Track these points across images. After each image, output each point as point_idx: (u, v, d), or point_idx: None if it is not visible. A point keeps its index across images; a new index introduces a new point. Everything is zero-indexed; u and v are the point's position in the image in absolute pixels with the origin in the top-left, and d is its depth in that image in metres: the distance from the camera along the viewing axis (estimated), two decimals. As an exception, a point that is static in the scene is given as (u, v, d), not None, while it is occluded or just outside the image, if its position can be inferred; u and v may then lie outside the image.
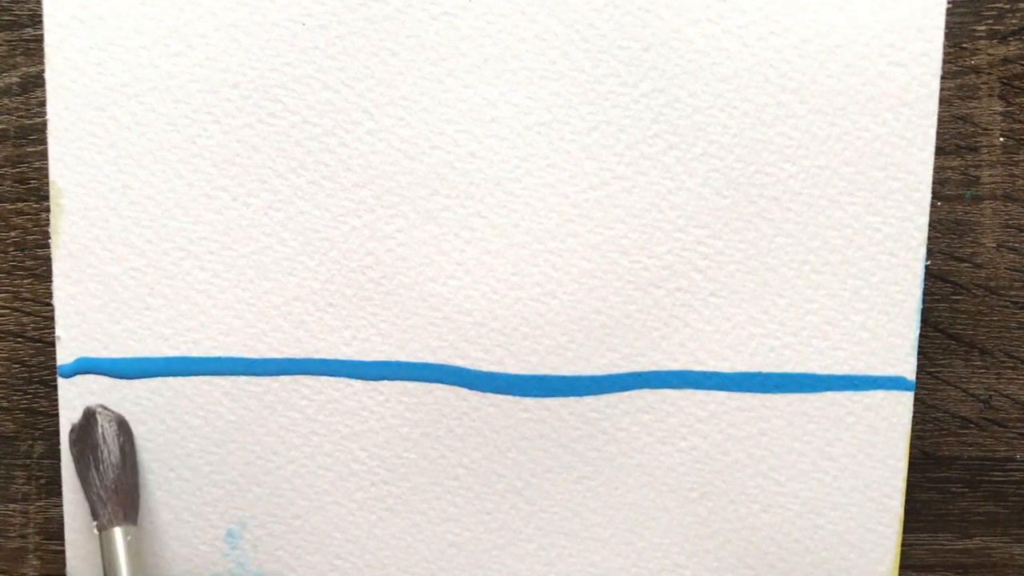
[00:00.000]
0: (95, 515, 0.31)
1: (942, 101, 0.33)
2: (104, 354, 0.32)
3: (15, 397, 0.34)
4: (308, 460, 0.32)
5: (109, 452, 0.31)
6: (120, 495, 0.31)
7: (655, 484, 0.33)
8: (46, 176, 0.32)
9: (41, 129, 0.33)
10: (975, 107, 0.33)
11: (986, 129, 0.33)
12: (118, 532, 0.30)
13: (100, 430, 0.31)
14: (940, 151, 0.33)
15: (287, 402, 0.32)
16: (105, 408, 0.32)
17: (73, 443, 0.32)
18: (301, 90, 0.31)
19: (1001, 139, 0.33)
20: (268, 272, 0.32)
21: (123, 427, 0.32)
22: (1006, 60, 0.33)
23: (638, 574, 0.33)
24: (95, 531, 0.31)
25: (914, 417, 0.33)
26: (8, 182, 0.33)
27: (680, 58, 0.31)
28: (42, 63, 0.32)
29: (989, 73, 0.33)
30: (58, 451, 0.33)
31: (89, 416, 0.31)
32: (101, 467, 0.31)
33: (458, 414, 0.32)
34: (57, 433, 0.33)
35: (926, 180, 0.32)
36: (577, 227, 0.32)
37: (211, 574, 0.33)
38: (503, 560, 0.33)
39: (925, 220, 0.32)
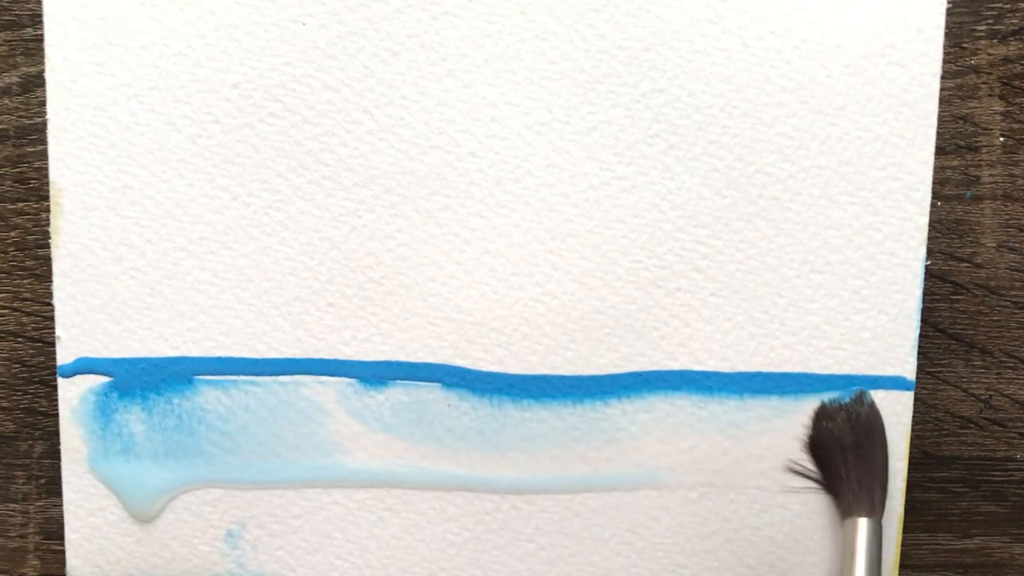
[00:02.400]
0: (853, 500, 0.31)
1: (942, 101, 0.33)
2: (104, 354, 0.32)
3: (15, 397, 0.34)
4: (308, 460, 0.32)
5: (883, 443, 0.32)
6: (884, 487, 0.31)
7: (655, 484, 0.33)
8: (46, 176, 0.32)
9: (41, 129, 0.33)
10: (975, 107, 0.33)
11: (986, 129, 0.33)
12: (865, 523, 0.31)
13: (878, 418, 0.32)
14: (940, 151, 0.33)
15: (287, 402, 0.32)
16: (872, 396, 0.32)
17: (836, 419, 0.32)
18: (301, 90, 0.31)
19: (1001, 139, 0.33)
20: (268, 272, 0.32)
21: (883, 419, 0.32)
22: (1006, 60, 0.33)
23: (638, 574, 0.33)
24: (842, 517, 0.31)
25: (914, 417, 0.33)
26: (8, 182, 0.33)
27: (680, 58, 0.31)
28: (42, 63, 0.32)
29: (989, 73, 0.33)
30: (58, 451, 0.33)
31: (866, 399, 0.32)
32: (877, 455, 0.31)
33: (458, 414, 0.32)
34: (57, 433, 0.33)
35: (926, 180, 0.32)
36: (577, 227, 0.32)
37: (211, 574, 0.33)
38: (503, 560, 0.33)
39: (925, 220, 0.32)
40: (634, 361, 0.32)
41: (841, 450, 0.32)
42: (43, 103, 0.32)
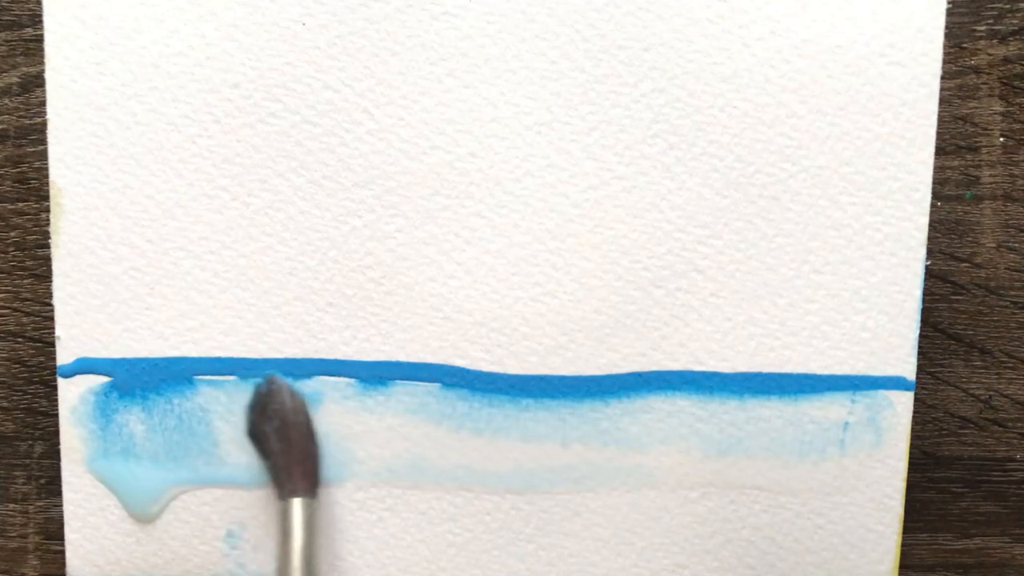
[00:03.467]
0: (278, 483, 0.31)
1: (942, 101, 0.33)
2: (104, 354, 0.32)
3: (15, 397, 0.34)
4: (308, 460, 0.33)
5: (299, 421, 0.31)
6: (307, 465, 0.31)
7: (655, 484, 0.33)
8: (46, 176, 0.32)
9: (41, 129, 0.33)
10: (975, 107, 0.33)
11: (986, 129, 0.33)
12: (298, 503, 0.31)
13: (288, 399, 0.32)
14: (940, 151, 0.33)
15: (287, 402, 0.32)
16: (283, 379, 0.32)
17: (256, 408, 0.32)
18: (301, 90, 0.31)
19: (1001, 139, 0.33)
20: (268, 272, 0.32)
21: (303, 399, 0.32)
22: (1006, 60, 0.33)
23: (638, 574, 0.33)
24: (277, 499, 0.31)
25: (914, 417, 0.33)
26: (8, 182, 0.33)
27: (680, 58, 0.31)
28: (42, 63, 0.32)
29: (989, 73, 0.33)
30: (58, 451, 0.33)
31: (275, 384, 0.32)
32: (291, 434, 0.31)
33: (458, 414, 0.32)
34: (57, 433, 0.33)
35: (926, 180, 0.32)
36: (577, 227, 0.32)
37: (211, 574, 0.33)
38: (503, 560, 0.33)
39: (925, 220, 0.32)
40: (634, 361, 0.32)
41: (259, 437, 0.32)
42: (43, 103, 0.32)
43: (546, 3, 0.31)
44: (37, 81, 0.33)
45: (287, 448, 0.31)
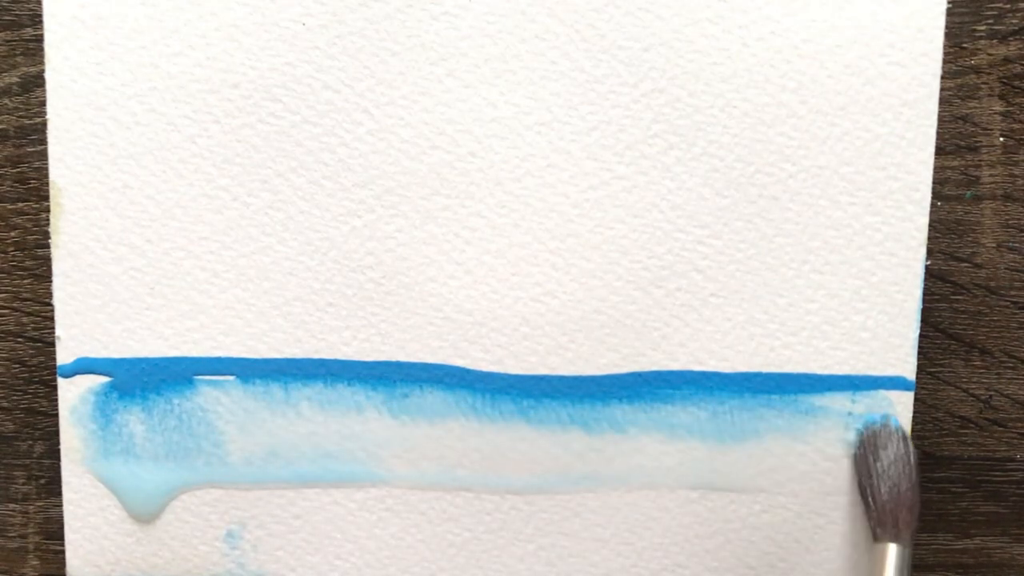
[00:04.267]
0: (879, 524, 0.31)
1: (942, 101, 0.33)
2: (104, 354, 0.32)
3: (15, 397, 0.34)
4: (308, 460, 0.32)
5: (912, 466, 0.31)
6: (913, 514, 0.31)
7: (655, 484, 0.33)
8: (46, 176, 0.32)
9: (41, 129, 0.33)
10: (975, 107, 0.33)
11: (986, 129, 0.33)
12: (894, 549, 0.31)
13: (903, 444, 0.32)
14: (940, 151, 0.33)
15: (286, 403, 0.32)
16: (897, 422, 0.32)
17: (869, 445, 0.32)
18: (301, 90, 0.31)
19: (1001, 139, 0.33)
20: (268, 272, 0.32)
21: (914, 446, 0.32)
22: (1006, 60, 0.33)
23: (638, 574, 0.33)
24: (872, 540, 0.31)
25: (914, 417, 0.33)
26: (8, 182, 0.33)
27: (680, 58, 0.31)
28: (42, 63, 0.32)
29: (989, 73, 0.33)
30: (58, 451, 0.33)
31: (890, 425, 0.32)
32: (902, 479, 0.31)
33: (458, 414, 0.32)
34: (57, 433, 0.33)
35: (926, 180, 0.32)
36: (577, 227, 0.32)
37: (211, 574, 0.33)
38: (503, 560, 0.33)
39: (925, 220, 0.32)
40: (634, 361, 0.32)
41: (868, 474, 0.32)
42: (43, 103, 0.32)
43: (546, 3, 0.31)
44: (37, 81, 0.33)
45: (896, 492, 0.31)
